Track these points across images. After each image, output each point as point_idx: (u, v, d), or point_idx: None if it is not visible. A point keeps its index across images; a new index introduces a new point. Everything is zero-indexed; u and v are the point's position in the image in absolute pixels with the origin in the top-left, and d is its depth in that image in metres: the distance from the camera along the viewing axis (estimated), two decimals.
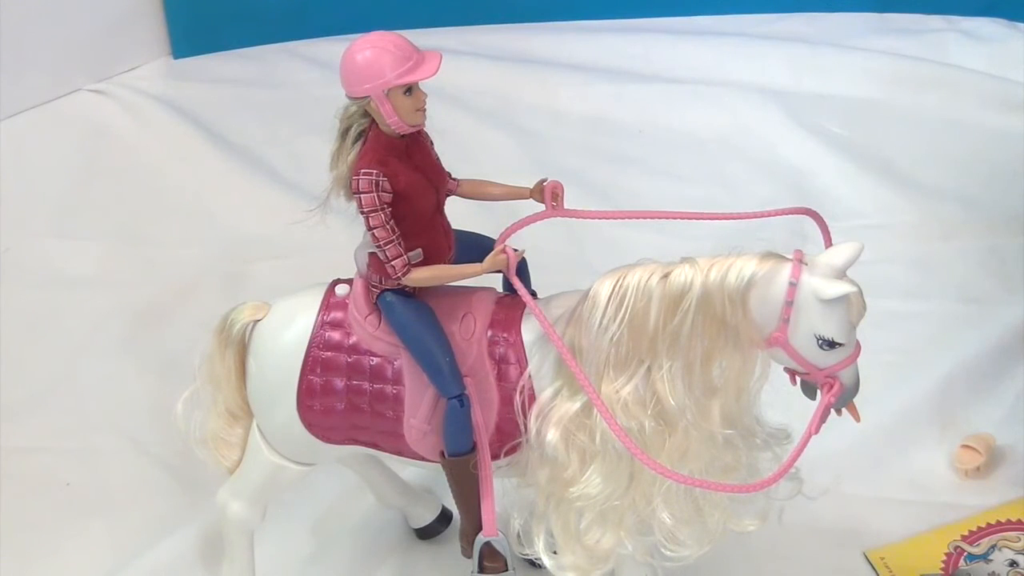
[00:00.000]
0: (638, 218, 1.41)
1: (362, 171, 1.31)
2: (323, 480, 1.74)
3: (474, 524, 1.43)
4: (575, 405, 1.33)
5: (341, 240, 1.52)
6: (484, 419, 1.38)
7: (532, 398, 1.36)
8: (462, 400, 1.35)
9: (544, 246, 1.57)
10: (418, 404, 1.39)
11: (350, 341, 1.40)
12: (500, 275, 1.38)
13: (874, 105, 2.58)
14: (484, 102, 2.64)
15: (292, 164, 2.45)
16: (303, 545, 1.72)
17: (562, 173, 1.48)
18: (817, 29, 2.82)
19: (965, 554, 1.65)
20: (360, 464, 1.64)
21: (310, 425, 1.42)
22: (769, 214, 1.40)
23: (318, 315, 1.41)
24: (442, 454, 1.40)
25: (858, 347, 1.29)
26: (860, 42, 2.76)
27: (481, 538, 1.43)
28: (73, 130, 2.61)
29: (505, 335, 1.38)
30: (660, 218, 1.41)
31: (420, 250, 1.35)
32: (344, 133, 1.34)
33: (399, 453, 1.44)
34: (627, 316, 1.28)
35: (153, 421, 1.89)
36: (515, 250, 1.34)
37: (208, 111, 2.64)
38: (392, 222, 1.32)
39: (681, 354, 1.29)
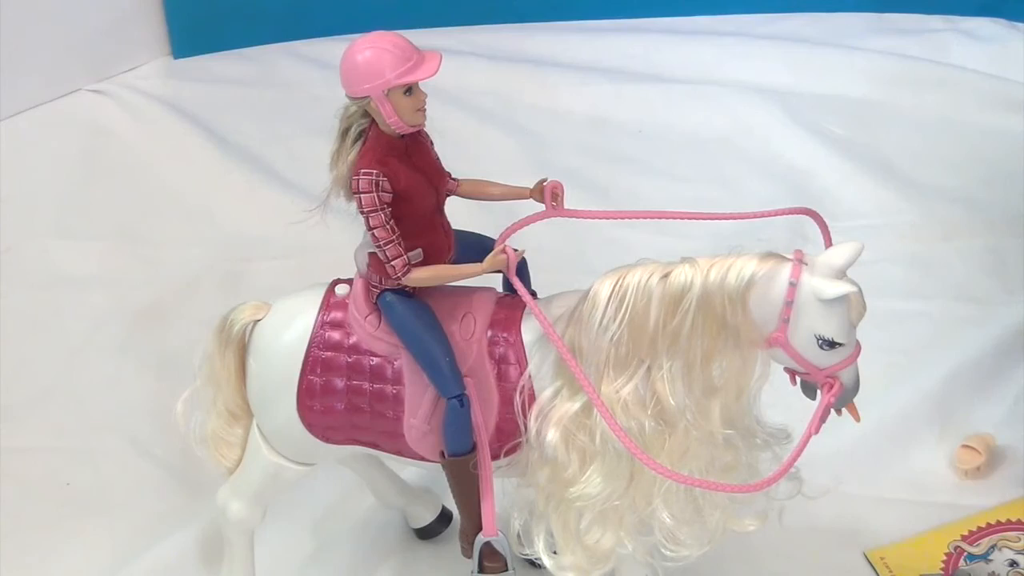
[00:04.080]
0: (638, 218, 1.41)
1: (362, 171, 1.31)
2: (323, 480, 1.74)
3: (474, 524, 1.43)
4: (575, 405, 1.33)
5: (341, 240, 1.52)
6: (484, 419, 1.38)
7: (532, 398, 1.36)
8: (462, 400, 1.35)
9: (544, 246, 1.57)
10: (418, 404, 1.39)
11: (350, 341, 1.40)
12: (500, 275, 1.38)
13: (874, 105, 2.58)
14: (484, 102, 2.64)
15: (292, 164, 2.45)
16: (303, 545, 1.72)
17: (562, 173, 1.48)
18: (817, 29, 2.82)
19: (965, 554, 1.65)
20: (360, 464, 1.64)
21: (310, 425, 1.42)
22: (769, 214, 1.40)
23: (318, 315, 1.41)
24: (442, 454, 1.40)
25: (858, 347, 1.29)
26: (860, 42, 2.76)
27: (481, 538, 1.43)
28: (73, 130, 2.61)
29: (505, 335, 1.38)
30: (660, 218, 1.41)
31: (420, 250, 1.35)
32: (344, 133, 1.34)
33: (399, 453, 1.44)
34: (627, 316, 1.28)
35: (153, 421, 1.89)
36: (515, 250, 1.34)
37: (208, 111, 2.64)
38: (392, 222, 1.32)
39: (681, 354, 1.29)
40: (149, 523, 1.74)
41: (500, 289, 1.44)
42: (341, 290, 1.43)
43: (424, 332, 1.36)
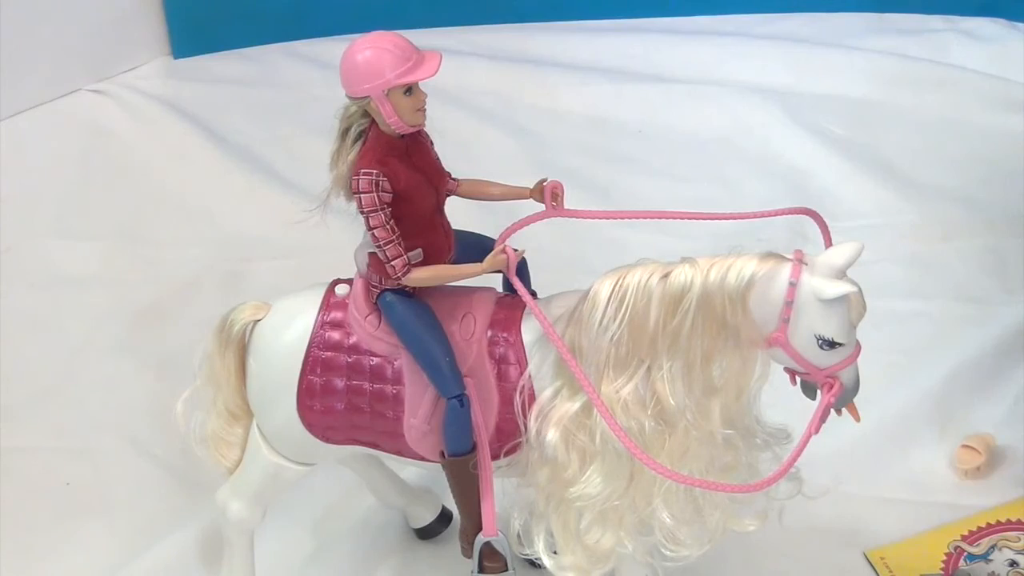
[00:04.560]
0: (638, 218, 1.41)
1: (362, 171, 1.31)
2: (323, 480, 1.74)
3: (474, 524, 1.43)
4: (575, 405, 1.33)
5: (341, 240, 1.52)
6: (484, 419, 1.38)
7: (532, 398, 1.36)
8: (462, 400, 1.35)
9: (544, 246, 1.57)
10: (418, 404, 1.39)
11: (350, 341, 1.40)
12: (500, 275, 1.38)
13: (874, 105, 2.58)
14: (484, 102, 2.64)
15: (292, 164, 2.45)
16: (303, 545, 1.72)
17: (562, 173, 1.48)
18: (817, 29, 2.82)
19: (965, 554, 1.65)
20: (360, 464, 1.64)
21: (310, 425, 1.42)
22: (769, 214, 1.40)
23: (318, 315, 1.41)
24: (442, 454, 1.40)
25: (858, 347, 1.29)
26: (860, 42, 2.76)
27: (481, 538, 1.43)
28: (73, 130, 2.61)
29: (505, 335, 1.38)
30: (660, 218, 1.41)
31: (420, 250, 1.35)
32: (344, 133, 1.34)
33: (399, 453, 1.44)
34: (627, 316, 1.28)
35: (153, 421, 1.89)
36: (515, 250, 1.34)
37: (208, 111, 2.64)
38: (392, 222, 1.32)
39: (681, 354, 1.29)
40: (149, 523, 1.74)
41: (500, 289, 1.44)
42: (341, 290, 1.43)
43: (424, 332, 1.36)
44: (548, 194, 1.40)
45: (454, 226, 1.40)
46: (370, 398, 1.40)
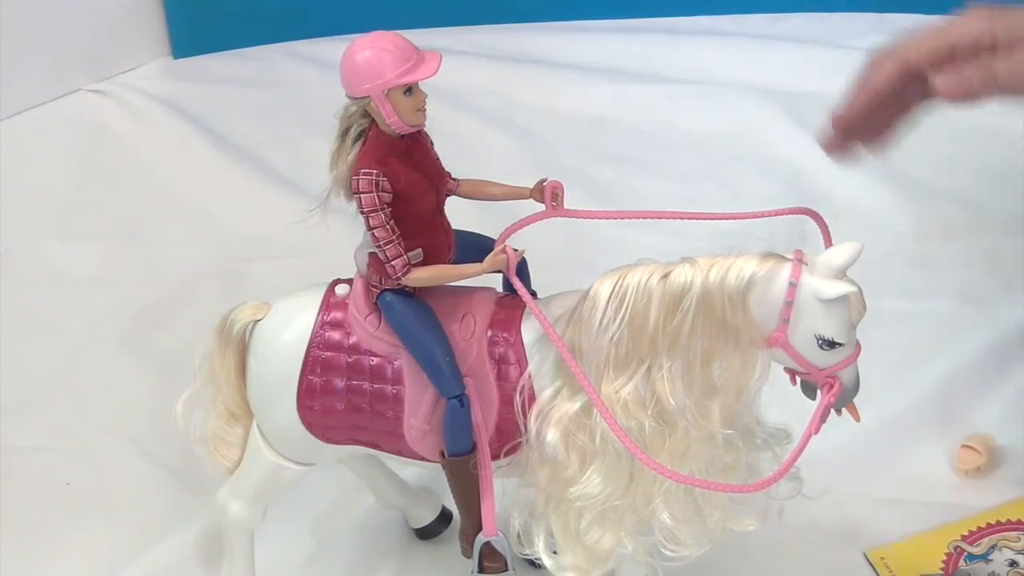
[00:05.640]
0: (638, 218, 1.41)
1: (362, 171, 1.30)
2: (323, 480, 1.74)
3: (474, 524, 1.43)
4: (575, 405, 1.33)
5: (341, 240, 1.51)
6: (484, 419, 1.38)
7: (532, 398, 1.35)
8: (462, 400, 1.35)
9: (544, 246, 1.56)
10: (418, 404, 1.39)
11: (350, 341, 1.40)
12: (500, 275, 1.38)
13: None
14: (484, 102, 2.64)
15: (292, 164, 2.45)
16: (303, 545, 1.71)
17: (562, 173, 1.48)
18: (817, 29, 2.82)
19: (965, 554, 1.65)
20: (360, 464, 1.64)
21: (310, 425, 1.42)
22: (769, 214, 1.40)
23: (318, 315, 1.41)
24: (442, 454, 1.39)
25: (858, 347, 1.29)
26: (860, 42, 2.74)
27: (481, 538, 1.43)
28: (73, 130, 2.61)
29: (505, 335, 1.38)
30: (660, 218, 1.41)
31: (420, 250, 1.35)
32: (344, 133, 1.34)
33: (399, 453, 1.43)
34: (627, 316, 1.28)
35: (153, 421, 1.89)
36: (515, 250, 1.33)
37: (208, 111, 2.64)
38: (392, 222, 1.32)
39: (681, 354, 1.29)
40: (149, 523, 1.74)
41: (500, 289, 1.44)
42: (341, 290, 1.42)
43: (424, 332, 1.36)
44: (548, 194, 1.40)
45: (454, 226, 1.40)
46: (370, 398, 1.40)
